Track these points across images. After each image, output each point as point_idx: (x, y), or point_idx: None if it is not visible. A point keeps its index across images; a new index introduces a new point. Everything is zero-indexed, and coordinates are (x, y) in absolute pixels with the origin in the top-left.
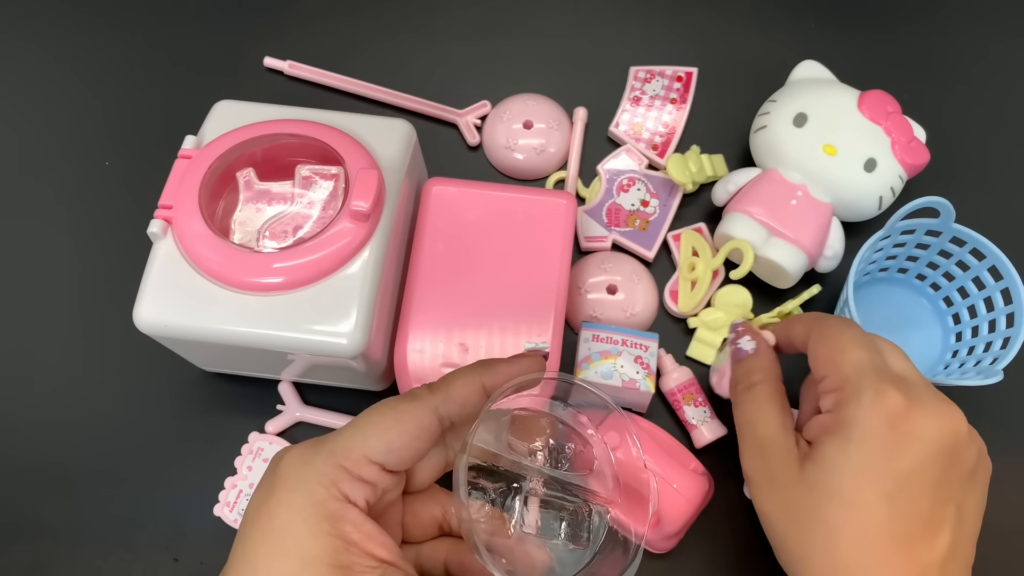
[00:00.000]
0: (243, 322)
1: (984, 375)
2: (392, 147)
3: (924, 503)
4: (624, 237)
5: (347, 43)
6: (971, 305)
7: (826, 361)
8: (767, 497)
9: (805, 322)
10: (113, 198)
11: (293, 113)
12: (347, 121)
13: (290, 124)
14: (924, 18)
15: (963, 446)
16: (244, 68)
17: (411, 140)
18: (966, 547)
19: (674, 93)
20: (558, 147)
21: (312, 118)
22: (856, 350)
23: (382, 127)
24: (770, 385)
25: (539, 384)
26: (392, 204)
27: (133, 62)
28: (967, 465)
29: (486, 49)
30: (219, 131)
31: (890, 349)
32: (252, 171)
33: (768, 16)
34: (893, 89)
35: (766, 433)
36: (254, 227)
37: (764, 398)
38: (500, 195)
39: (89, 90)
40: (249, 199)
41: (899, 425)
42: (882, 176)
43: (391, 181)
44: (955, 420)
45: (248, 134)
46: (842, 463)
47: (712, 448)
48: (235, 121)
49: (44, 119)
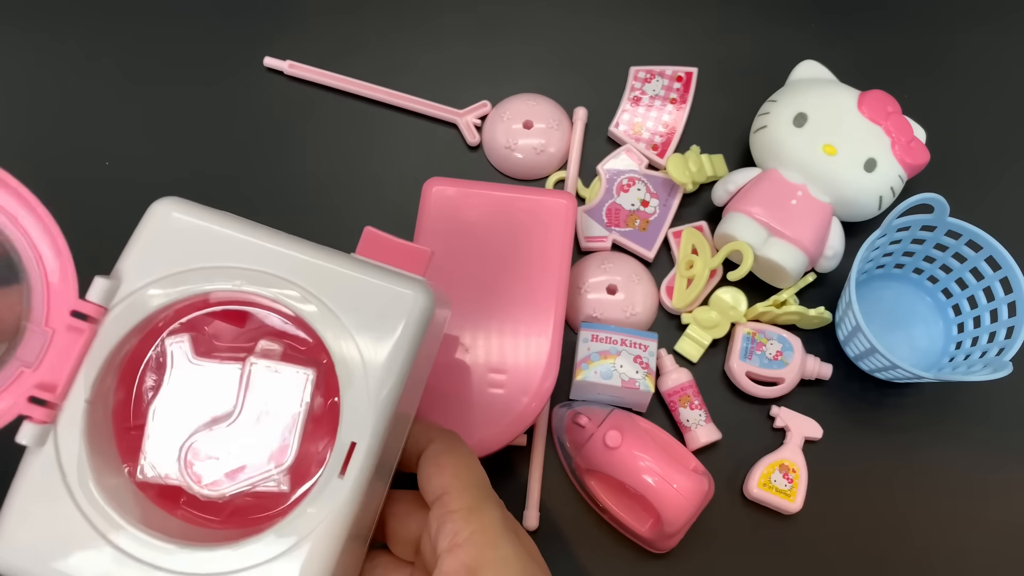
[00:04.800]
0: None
1: (993, 368)
2: (394, 336)
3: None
4: (624, 237)
5: (347, 43)
6: (971, 296)
7: (444, 489)
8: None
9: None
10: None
11: (261, 252)
12: (338, 278)
13: (247, 279)
14: (924, 18)
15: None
16: (244, 68)
17: (423, 320)
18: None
19: (674, 93)
20: (558, 147)
21: (289, 261)
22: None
23: (386, 294)
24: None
25: None
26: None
27: (132, 62)
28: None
29: (486, 49)
30: (146, 272)
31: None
32: (188, 340)
33: (768, 16)
34: (893, 89)
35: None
36: (177, 433)
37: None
38: (500, 195)
39: (88, 90)
40: (178, 381)
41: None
42: (882, 176)
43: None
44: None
45: (189, 285)
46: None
47: (711, 448)
48: (177, 250)
49: (44, 119)
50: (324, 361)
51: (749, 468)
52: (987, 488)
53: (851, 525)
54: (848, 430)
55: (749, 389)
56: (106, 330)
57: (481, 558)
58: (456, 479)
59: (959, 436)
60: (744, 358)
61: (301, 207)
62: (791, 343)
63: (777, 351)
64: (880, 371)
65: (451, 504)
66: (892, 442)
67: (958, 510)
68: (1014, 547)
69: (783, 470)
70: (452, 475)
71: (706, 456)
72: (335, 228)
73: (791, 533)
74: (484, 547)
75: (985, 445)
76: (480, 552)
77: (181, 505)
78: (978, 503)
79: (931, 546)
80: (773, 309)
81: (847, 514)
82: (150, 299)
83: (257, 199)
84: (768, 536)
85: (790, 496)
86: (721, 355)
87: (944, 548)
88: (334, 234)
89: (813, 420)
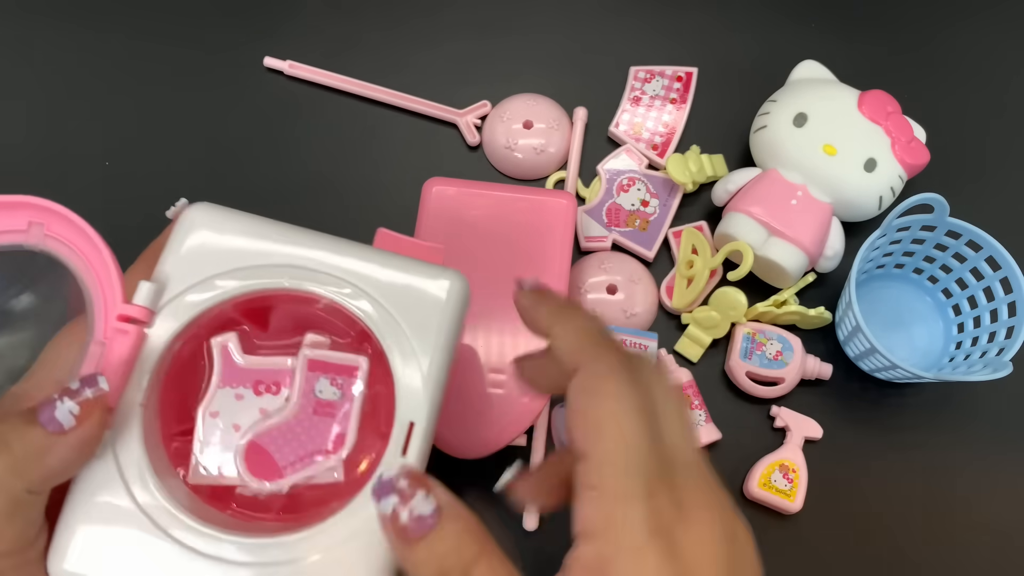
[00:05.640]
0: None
1: (993, 368)
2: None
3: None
4: (624, 237)
5: (347, 43)
6: (971, 296)
7: (584, 451)
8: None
9: (566, 355)
10: (113, 198)
11: (297, 250)
12: (381, 271)
13: (288, 276)
14: (924, 18)
15: (742, 544)
16: (244, 68)
17: (462, 302)
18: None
19: (674, 93)
20: (558, 147)
21: (329, 257)
22: (623, 456)
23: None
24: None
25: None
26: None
27: (132, 62)
28: (750, 560)
29: (486, 49)
30: (191, 273)
31: (663, 404)
32: (235, 338)
33: (768, 16)
34: (893, 89)
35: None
36: (230, 431)
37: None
38: (500, 195)
39: (88, 90)
40: (227, 379)
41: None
42: (882, 176)
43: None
44: (727, 519)
45: (234, 285)
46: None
47: (712, 448)
48: (215, 253)
49: (43, 118)
50: (369, 351)
51: (749, 468)
52: (987, 488)
53: (851, 525)
54: (848, 430)
55: (749, 389)
56: (154, 333)
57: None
58: (598, 444)
59: (959, 436)
60: (744, 358)
61: (301, 207)
62: (791, 343)
63: (777, 351)
64: (880, 371)
65: (591, 477)
66: (892, 442)
67: (958, 510)
68: (1014, 547)
69: (783, 470)
70: (594, 435)
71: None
72: (335, 228)
73: (791, 533)
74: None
75: (985, 445)
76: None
77: (231, 505)
78: (978, 503)
79: (931, 546)
80: (773, 309)
81: (847, 514)
82: (195, 301)
83: (257, 199)
84: (768, 536)
85: (790, 496)
86: (721, 355)
87: (944, 548)
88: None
89: (813, 420)
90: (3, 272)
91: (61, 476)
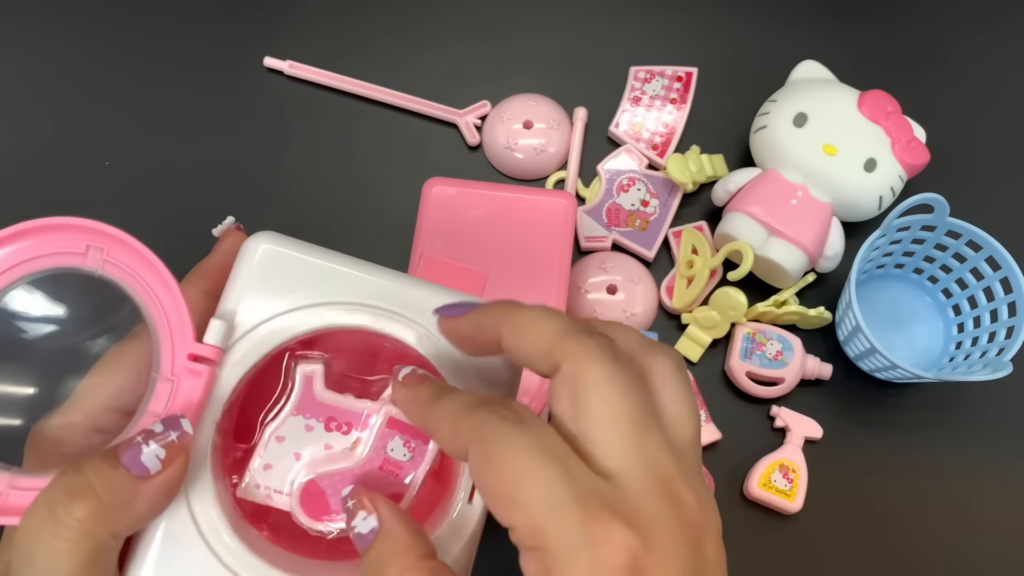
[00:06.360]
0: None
1: (993, 368)
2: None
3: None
4: (624, 237)
5: (347, 43)
6: (971, 296)
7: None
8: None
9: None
10: (112, 198)
11: (360, 282)
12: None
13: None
14: (924, 18)
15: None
16: (244, 68)
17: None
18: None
19: (674, 93)
20: (558, 147)
21: (393, 294)
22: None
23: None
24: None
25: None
26: None
27: (132, 62)
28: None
29: (486, 49)
30: (259, 309)
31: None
32: (320, 371)
33: (768, 16)
34: (893, 89)
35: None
36: (292, 460)
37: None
38: (500, 195)
39: (88, 89)
40: (302, 409)
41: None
42: (882, 176)
43: None
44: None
45: (302, 321)
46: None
47: (712, 448)
48: (282, 287)
49: (43, 119)
50: None
51: (749, 468)
52: (987, 488)
53: (851, 525)
54: (848, 430)
55: (749, 389)
56: (225, 371)
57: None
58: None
59: (959, 436)
60: (744, 358)
61: (301, 207)
62: (791, 343)
63: (777, 351)
64: (880, 371)
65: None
66: (892, 442)
67: (958, 510)
68: (1014, 547)
69: (783, 470)
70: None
71: (706, 456)
72: (336, 228)
73: (791, 533)
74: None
75: (985, 445)
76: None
77: (263, 527)
78: (978, 503)
79: (931, 546)
80: (773, 309)
81: (847, 514)
82: (265, 337)
83: (257, 199)
84: (768, 536)
85: (790, 496)
86: (721, 355)
87: (944, 548)
88: (335, 234)
89: (813, 420)
90: (83, 311)
91: (145, 521)
